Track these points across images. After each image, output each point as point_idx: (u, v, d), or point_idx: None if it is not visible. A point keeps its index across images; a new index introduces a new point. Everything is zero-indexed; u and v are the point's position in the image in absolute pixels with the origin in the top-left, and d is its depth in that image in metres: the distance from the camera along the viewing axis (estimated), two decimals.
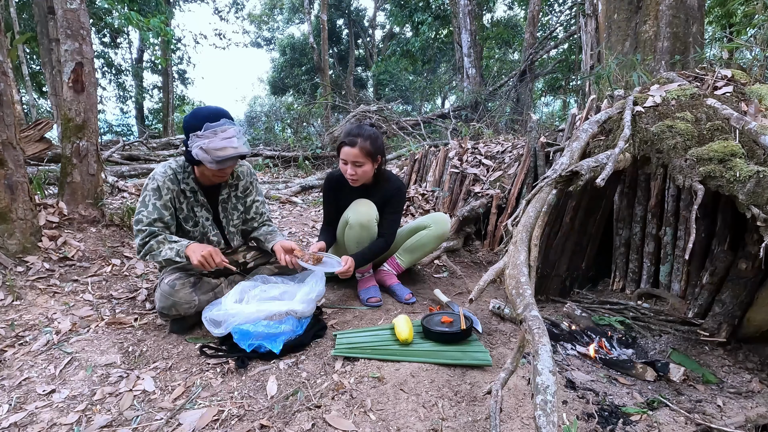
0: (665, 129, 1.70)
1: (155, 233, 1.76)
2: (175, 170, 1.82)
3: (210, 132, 1.67)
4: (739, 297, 1.79)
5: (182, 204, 1.86)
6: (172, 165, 1.84)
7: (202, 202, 1.90)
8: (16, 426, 1.26)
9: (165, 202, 1.79)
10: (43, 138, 4.19)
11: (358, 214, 2.05)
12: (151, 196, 1.77)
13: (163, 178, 1.78)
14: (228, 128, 1.70)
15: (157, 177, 1.79)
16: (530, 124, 3.13)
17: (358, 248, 2.12)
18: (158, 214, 1.77)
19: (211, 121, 1.68)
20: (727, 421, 1.31)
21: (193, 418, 1.28)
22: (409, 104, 17.21)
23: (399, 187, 2.21)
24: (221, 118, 1.71)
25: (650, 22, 3.87)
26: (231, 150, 1.69)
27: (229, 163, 1.72)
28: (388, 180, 2.21)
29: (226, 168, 1.76)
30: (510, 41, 13.81)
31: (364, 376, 1.47)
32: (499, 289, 2.41)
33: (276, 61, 19.45)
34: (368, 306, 2.10)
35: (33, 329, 1.80)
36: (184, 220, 1.88)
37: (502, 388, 1.15)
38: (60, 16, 2.64)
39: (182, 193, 1.84)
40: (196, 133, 1.68)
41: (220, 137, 1.67)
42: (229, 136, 1.69)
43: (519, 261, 1.31)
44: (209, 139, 1.66)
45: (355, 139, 1.98)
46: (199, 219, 1.90)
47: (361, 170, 2.02)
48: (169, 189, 1.79)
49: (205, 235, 1.94)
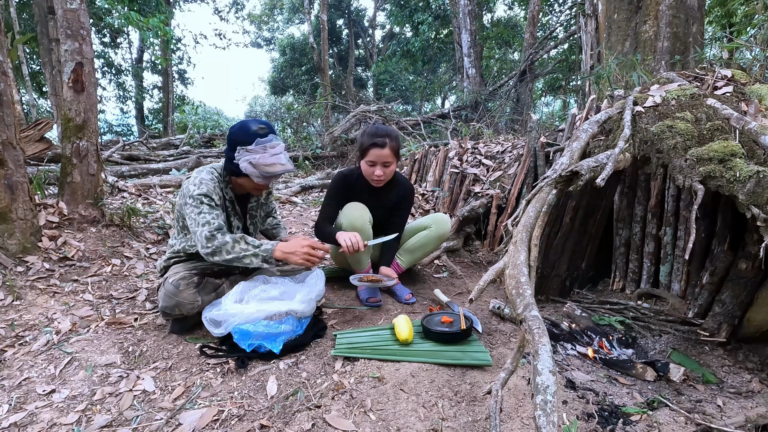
0: (665, 129, 1.70)
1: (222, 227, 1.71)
2: (216, 180, 1.80)
3: (260, 147, 1.70)
4: (739, 297, 1.79)
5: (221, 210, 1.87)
6: (215, 172, 1.82)
7: (237, 211, 1.92)
8: (16, 426, 1.26)
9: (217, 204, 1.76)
10: (43, 138, 4.19)
11: (351, 219, 2.06)
12: (204, 199, 1.72)
13: (213, 185, 1.76)
14: (276, 144, 1.73)
15: (207, 183, 1.75)
16: (530, 124, 3.13)
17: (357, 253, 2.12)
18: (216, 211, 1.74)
19: (262, 137, 1.71)
20: (727, 421, 1.31)
21: (193, 418, 1.28)
22: (409, 104, 17.21)
23: (411, 188, 2.32)
24: (269, 134, 1.73)
25: (650, 22, 3.87)
26: (280, 167, 1.73)
27: (276, 179, 1.77)
28: (399, 181, 2.26)
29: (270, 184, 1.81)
30: (510, 41, 13.81)
31: (364, 376, 1.47)
32: (499, 289, 2.41)
33: (276, 61, 19.46)
34: (368, 306, 2.10)
35: (33, 329, 1.80)
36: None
37: (502, 388, 1.15)
38: (60, 16, 2.64)
39: (223, 201, 1.85)
40: (246, 147, 1.70)
41: (269, 153, 1.70)
42: (278, 152, 1.72)
43: (519, 261, 1.31)
44: (260, 155, 1.69)
45: (385, 139, 2.00)
46: (232, 228, 1.91)
47: (389, 170, 2.07)
48: (218, 195, 1.79)
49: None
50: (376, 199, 2.18)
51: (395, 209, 2.26)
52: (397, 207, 2.26)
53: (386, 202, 2.21)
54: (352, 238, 1.91)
